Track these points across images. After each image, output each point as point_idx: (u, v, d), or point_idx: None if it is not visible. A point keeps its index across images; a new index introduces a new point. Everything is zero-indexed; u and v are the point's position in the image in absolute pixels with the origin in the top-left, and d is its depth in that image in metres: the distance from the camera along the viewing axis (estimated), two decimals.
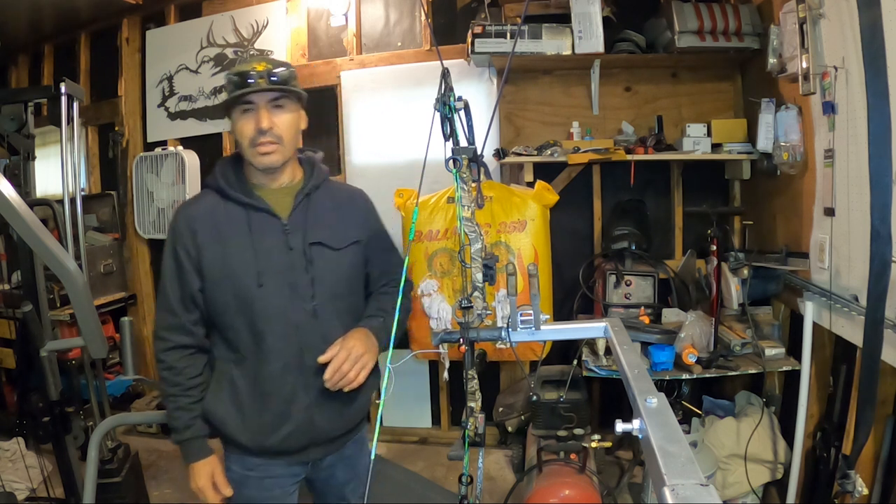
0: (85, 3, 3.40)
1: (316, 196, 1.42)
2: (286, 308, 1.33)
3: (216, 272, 1.34)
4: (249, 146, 1.33)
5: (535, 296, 1.07)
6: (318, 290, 1.36)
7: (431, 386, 3.30)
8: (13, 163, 2.11)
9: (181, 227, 1.36)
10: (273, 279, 1.33)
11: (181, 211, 1.41)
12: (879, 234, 1.47)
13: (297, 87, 1.37)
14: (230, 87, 1.31)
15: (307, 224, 1.37)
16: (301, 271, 1.34)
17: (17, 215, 1.56)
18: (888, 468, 1.84)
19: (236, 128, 1.35)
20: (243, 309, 1.33)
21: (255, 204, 1.36)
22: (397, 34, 3.25)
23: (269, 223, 1.36)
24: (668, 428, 0.69)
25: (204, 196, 1.42)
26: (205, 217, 1.36)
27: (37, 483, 2.64)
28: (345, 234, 1.42)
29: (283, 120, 1.34)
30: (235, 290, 1.33)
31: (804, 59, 1.97)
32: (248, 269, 1.32)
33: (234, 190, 1.37)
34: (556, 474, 2.12)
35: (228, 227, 1.35)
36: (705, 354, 2.23)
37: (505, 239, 2.49)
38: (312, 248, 1.36)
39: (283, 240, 1.35)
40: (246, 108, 1.32)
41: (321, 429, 1.39)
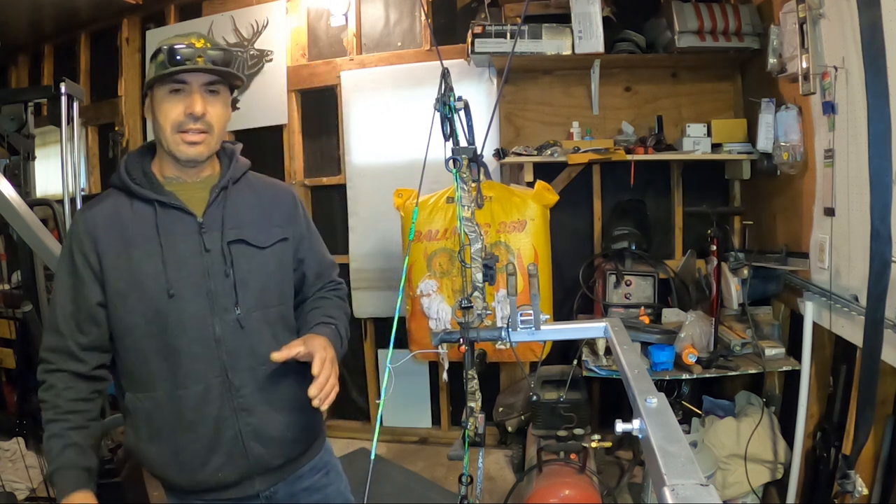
0: (85, 3, 3.40)
1: (235, 190, 1.25)
2: (204, 320, 1.15)
3: (120, 283, 1.14)
4: (174, 131, 1.15)
5: (535, 296, 1.07)
6: (241, 296, 1.18)
7: (431, 386, 3.31)
8: (13, 163, 2.11)
9: (80, 233, 1.17)
10: (187, 287, 1.15)
11: (80, 215, 1.21)
12: (879, 234, 1.47)
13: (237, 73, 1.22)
14: (159, 60, 1.14)
15: (226, 221, 1.20)
16: (220, 276, 1.17)
17: (17, 215, 1.56)
18: (888, 468, 1.84)
19: (159, 109, 1.15)
20: (153, 326, 1.14)
21: (164, 200, 1.17)
22: (397, 34, 3.25)
23: (181, 222, 1.18)
24: (668, 428, 0.69)
25: (107, 196, 1.22)
26: (108, 220, 1.17)
27: (37, 483, 2.64)
28: (269, 232, 1.25)
29: (216, 108, 1.18)
30: (143, 304, 1.14)
31: (804, 59, 1.97)
32: (156, 278, 1.13)
33: (140, 186, 1.18)
34: (556, 474, 2.12)
35: (134, 229, 1.16)
36: (705, 354, 2.23)
37: (505, 239, 2.49)
38: (233, 248, 1.19)
39: (198, 240, 1.17)
40: (176, 89, 1.14)
41: (258, 457, 1.21)
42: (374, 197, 3.19)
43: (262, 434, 1.21)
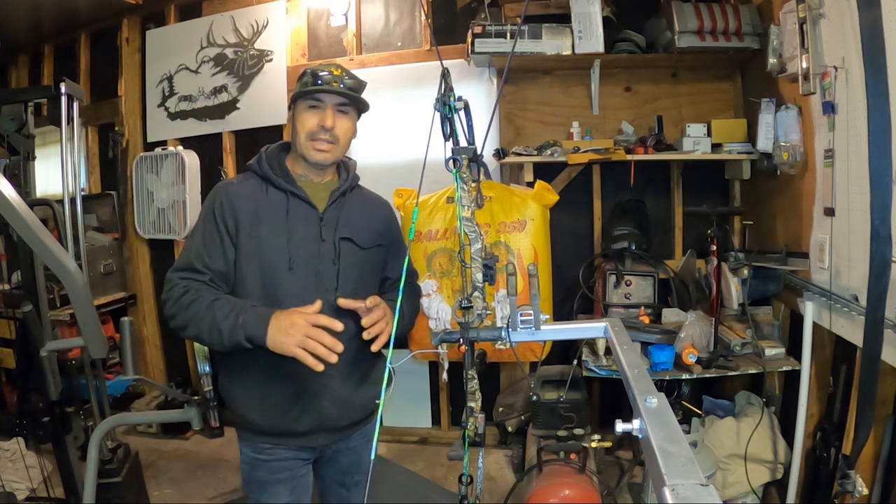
0: (85, 3, 3.40)
1: (349, 197, 1.51)
2: (310, 294, 1.35)
3: (250, 249, 1.37)
4: (307, 139, 1.40)
5: (535, 296, 1.07)
6: (342, 282, 1.41)
7: (431, 386, 3.31)
8: (13, 163, 2.11)
9: (223, 200, 1.40)
10: (302, 264, 1.38)
11: (223, 187, 1.45)
12: (879, 234, 1.47)
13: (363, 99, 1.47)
14: (304, 80, 1.40)
15: (340, 220, 1.44)
16: (329, 262, 1.40)
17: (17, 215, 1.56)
18: (888, 468, 1.84)
19: (298, 119, 1.41)
20: (269, 290, 1.36)
21: (296, 192, 1.42)
22: (397, 34, 3.25)
23: (306, 212, 1.42)
24: (668, 428, 0.69)
25: (245, 178, 1.47)
26: (246, 196, 1.41)
27: (37, 483, 2.64)
28: (371, 236, 1.49)
29: (343, 124, 1.44)
30: (264, 270, 1.37)
31: (804, 59, 1.97)
32: (280, 252, 1.37)
33: (277, 176, 1.43)
34: (556, 474, 2.12)
35: (267, 209, 1.40)
36: (705, 354, 2.23)
37: (505, 239, 2.49)
38: (342, 243, 1.43)
39: (317, 230, 1.41)
40: (313, 105, 1.40)
41: (329, 415, 1.42)
42: None
43: (336, 397, 1.42)
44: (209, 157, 3.44)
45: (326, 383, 1.39)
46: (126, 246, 3.64)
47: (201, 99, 3.45)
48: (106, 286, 3.46)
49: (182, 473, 2.98)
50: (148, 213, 3.46)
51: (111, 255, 3.53)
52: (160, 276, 3.65)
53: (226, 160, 3.43)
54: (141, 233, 3.51)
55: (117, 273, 3.57)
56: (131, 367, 2.02)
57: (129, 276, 3.65)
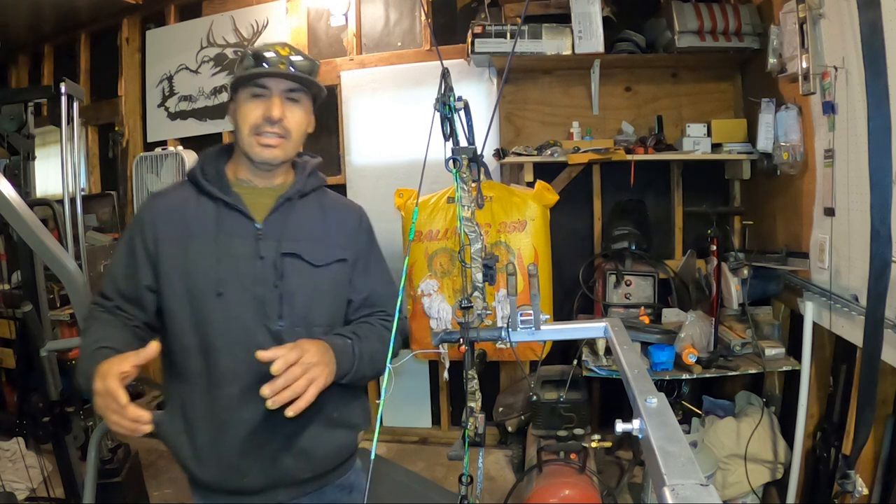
0: (85, 3, 3.40)
1: (302, 204, 1.26)
2: (247, 325, 1.15)
3: (172, 273, 1.16)
4: (251, 134, 1.18)
5: (535, 296, 1.07)
6: (287, 309, 1.17)
7: (431, 386, 3.30)
8: (13, 163, 2.11)
9: (145, 218, 1.21)
10: (236, 290, 1.15)
11: (150, 200, 1.26)
12: (879, 234, 1.47)
13: (318, 82, 1.23)
14: (243, 64, 1.18)
15: (285, 232, 1.20)
16: (269, 285, 1.16)
17: (17, 215, 1.56)
18: (888, 468, 1.84)
19: (240, 111, 1.20)
20: (197, 321, 1.15)
21: (227, 201, 1.19)
22: (397, 34, 3.25)
23: (240, 225, 1.18)
24: (668, 428, 0.69)
25: (179, 187, 1.26)
26: (173, 210, 1.20)
27: (37, 483, 2.64)
28: (328, 251, 1.23)
29: (295, 114, 1.20)
30: (191, 297, 1.15)
31: (804, 59, 1.97)
32: (207, 274, 1.14)
33: (209, 183, 1.21)
34: (556, 474, 2.12)
35: (196, 224, 1.18)
36: (705, 354, 2.23)
37: (505, 239, 2.49)
38: (286, 260, 1.18)
39: (254, 246, 1.17)
40: (257, 93, 1.18)
41: (286, 469, 1.19)
42: (374, 197, 3.18)
43: (293, 446, 1.19)
44: None
45: (280, 431, 1.16)
46: None
47: (201, 99, 3.45)
48: None
49: (182, 473, 2.97)
50: None
51: (111, 255, 3.52)
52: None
53: None
54: None
55: None
56: None
57: None
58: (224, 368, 1.14)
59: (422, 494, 2.56)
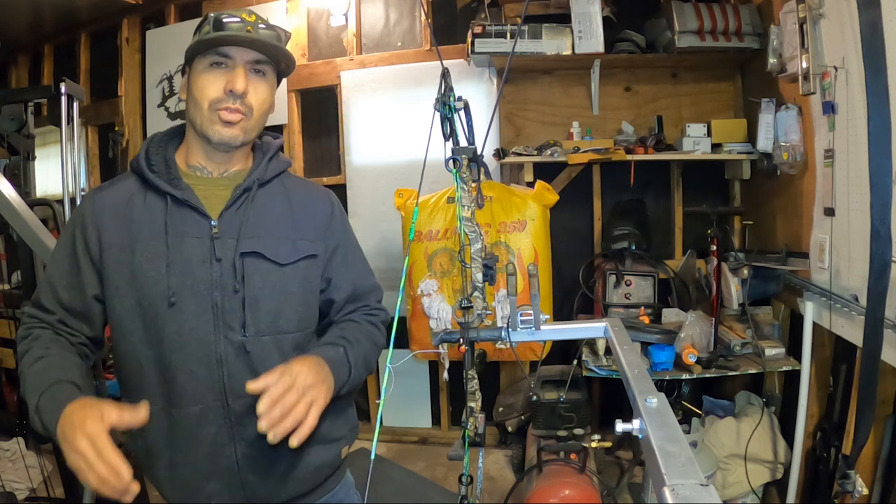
0: (85, 3, 3.40)
1: (263, 193, 1.11)
2: (206, 336, 1.02)
3: (120, 281, 1.02)
4: (209, 109, 1.03)
5: (535, 296, 1.07)
6: (250, 316, 1.04)
7: (431, 386, 3.31)
8: (13, 163, 2.11)
9: (85, 216, 1.06)
10: (190, 297, 1.01)
11: (90, 196, 1.09)
12: (879, 234, 1.47)
13: (287, 52, 1.09)
14: (204, 29, 1.03)
15: (244, 228, 1.05)
16: (229, 290, 1.03)
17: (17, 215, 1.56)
18: (888, 468, 1.84)
19: (196, 83, 1.04)
20: (150, 334, 1.02)
21: (177, 195, 1.04)
22: (397, 34, 3.25)
23: (193, 223, 1.04)
24: (668, 428, 0.69)
25: (123, 179, 1.10)
26: (117, 207, 1.05)
27: (37, 483, 2.64)
28: (295, 246, 1.10)
29: (259, 90, 1.06)
30: (142, 309, 1.02)
31: (804, 59, 1.98)
32: (157, 282, 1.01)
33: (157, 174, 1.06)
34: (556, 474, 2.12)
35: (142, 223, 1.04)
36: (705, 354, 2.23)
37: (505, 239, 2.50)
38: (246, 260, 1.04)
39: (209, 246, 1.03)
40: (217, 62, 1.03)
41: (256, 492, 1.07)
42: (374, 197, 3.19)
43: (262, 468, 1.07)
44: None
45: (246, 451, 1.04)
46: None
47: None
48: None
49: None
50: None
51: None
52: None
53: None
54: None
55: None
56: None
57: None
58: (182, 386, 1.02)
59: (422, 494, 2.56)
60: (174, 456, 1.05)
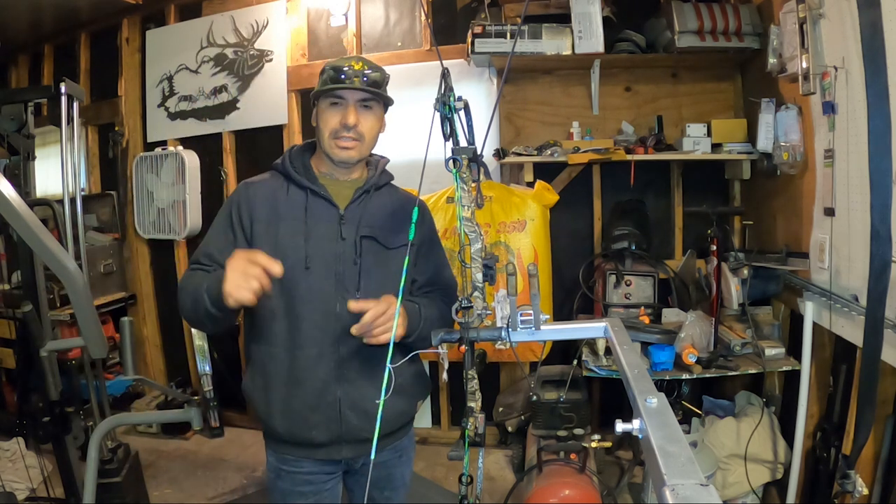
0: (85, 3, 3.40)
1: (375, 195, 1.44)
2: (329, 295, 1.33)
3: (267, 249, 1.29)
4: (330, 137, 1.36)
5: (535, 296, 1.07)
6: (364, 283, 1.35)
7: (431, 386, 3.30)
8: (13, 163, 2.11)
9: (241, 198, 1.39)
10: (321, 265, 1.34)
11: (244, 185, 1.44)
12: (879, 234, 1.47)
13: (385, 92, 1.40)
14: (324, 77, 1.36)
15: (363, 218, 1.39)
16: (350, 262, 1.35)
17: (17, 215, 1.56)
18: (888, 468, 1.84)
19: (321, 118, 1.38)
20: (286, 290, 1.32)
21: (316, 189, 1.38)
22: (397, 34, 3.25)
23: (326, 210, 1.38)
24: (668, 428, 0.69)
25: (268, 177, 1.45)
26: (265, 194, 1.39)
27: (37, 483, 2.64)
28: (398, 236, 1.41)
29: (368, 120, 1.38)
30: (284, 269, 1.27)
31: (804, 59, 1.98)
32: (297, 251, 1.33)
33: (298, 174, 1.40)
34: (556, 474, 2.12)
35: (286, 208, 1.37)
36: (705, 354, 2.23)
37: (505, 239, 2.50)
38: (364, 242, 1.37)
39: (337, 229, 1.37)
40: (334, 102, 1.35)
41: (351, 426, 1.35)
42: None
43: (358, 406, 1.34)
44: (209, 157, 3.44)
45: (348, 390, 1.34)
46: (126, 246, 3.64)
47: (201, 99, 3.45)
48: (106, 286, 3.46)
49: (182, 473, 2.98)
50: (148, 213, 3.46)
51: (111, 255, 3.53)
52: (160, 276, 3.66)
53: (226, 160, 3.43)
54: (141, 233, 3.51)
55: (117, 273, 3.57)
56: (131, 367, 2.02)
57: (129, 276, 3.65)
58: (305, 332, 1.32)
59: (422, 494, 2.56)
60: (291, 389, 1.34)
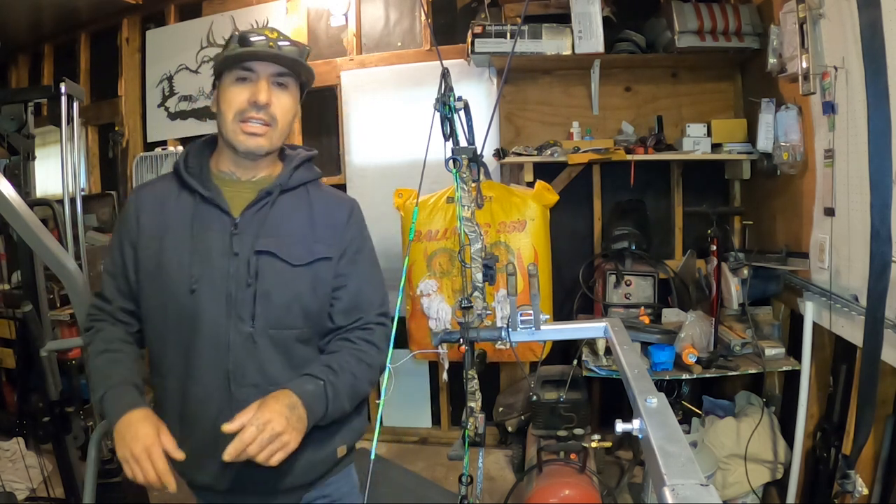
0: (85, 3, 3.40)
1: (286, 199, 1.19)
2: (219, 323, 1.10)
3: (150, 266, 1.14)
4: (234, 120, 1.12)
5: (535, 296, 1.07)
6: (260, 310, 1.11)
7: (431, 386, 3.31)
8: (13, 163, 2.11)
9: (129, 213, 1.19)
10: (209, 286, 1.11)
11: (135, 191, 1.24)
12: (879, 234, 1.47)
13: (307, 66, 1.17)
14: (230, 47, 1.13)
15: (262, 228, 1.14)
16: (242, 284, 1.11)
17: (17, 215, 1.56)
18: (888, 468, 1.84)
19: (224, 96, 1.13)
20: (172, 317, 1.13)
21: (204, 194, 1.15)
22: (397, 34, 3.25)
23: (216, 219, 1.14)
24: (668, 428, 0.69)
25: (162, 180, 1.23)
26: (154, 204, 1.18)
27: (37, 483, 2.64)
28: (309, 249, 1.16)
29: (282, 101, 1.14)
30: (167, 293, 1.12)
31: (804, 59, 1.97)
32: (181, 269, 1.12)
33: (191, 175, 1.17)
34: (556, 474, 2.12)
35: (174, 217, 1.15)
36: (705, 354, 2.23)
37: (505, 239, 2.49)
38: (261, 258, 1.12)
39: (228, 241, 1.12)
40: (242, 77, 1.12)
41: (250, 476, 1.11)
42: (374, 197, 3.18)
43: None
44: None
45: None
46: None
47: (201, 99, 3.45)
48: None
49: None
50: None
51: None
52: None
53: None
54: None
55: None
56: None
57: None
58: (195, 366, 1.12)
59: (422, 494, 2.56)
60: (184, 428, 1.13)
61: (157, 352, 1.18)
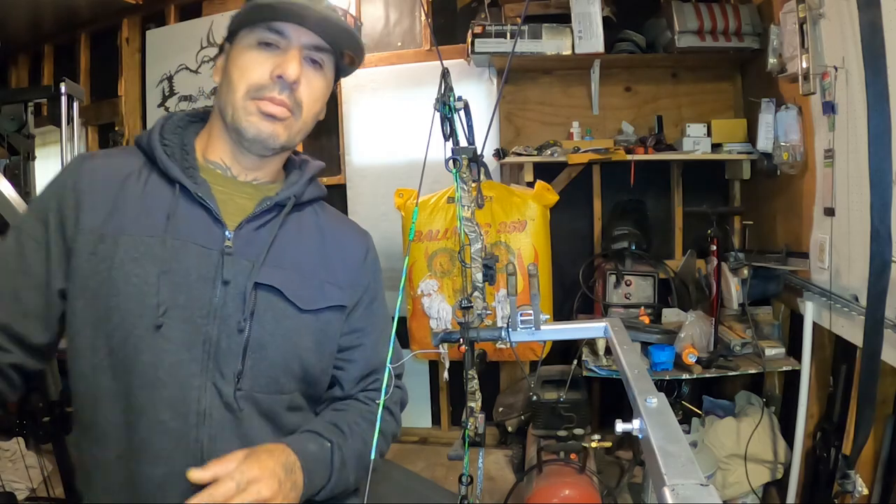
0: (85, 3, 3.40)
1: (296, 218, 0.91)
2: (189, 380, 0.78)
3: (90, 279, 0.77)
4: (247, 95, 0.82)
5: (535, 296, 1.07)
6: (251, 365, 0.81)
7: (431, 386, 3.31)
8: (13, 163, 2.11)
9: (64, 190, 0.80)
10: (181, 324, 0.78)
11: (77, 162, 0.84)
12: (879, 234, 1.47)
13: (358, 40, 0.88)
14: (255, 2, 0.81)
15: (266, 251, 0.84)
16: (231, 326, 0.80)
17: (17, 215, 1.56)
18: (888, 468, 1.84)
19: (237, 62, 0.82)
20: (116, 359, 0.77)
21: (189, 187, 0.82)
22: (397, 34, 3.25)
23: (201, 227, 0.82)
24: (668, 428, 0.69)
25: (124, 153, 0.87)
26: (109, 184, 0.81)
27: (37, 483, 2.63)
28: (322, 290, 0.89)
29: (314, 85, 0.86)
30: (114, 325, 0.77)
31: (804, 59, 1.98)
32: (141, 291, 0.77)
33: (170, 155, 0.83)
34: (556, 474, 2.12)
35: (137, 209, 0.80)
36: (705, 354, 2.23)
37: (505, 239, 2.49)
38: (261, 294, 0.83)
39: (217, 262, 0.81)
40: (267, 41, 0.82)
41: None
42: (374, 197, 3.19)
43: None
44: None
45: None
46: None
47: (201, 99, 3.45)
48: None
49: None
50: None
51: None
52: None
53: None
54: None
55: None
56: None
57: None
58: (146, 438, 0.78)
59: (422, 494, 2.56)
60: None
61: (88, 409, 0.81)
